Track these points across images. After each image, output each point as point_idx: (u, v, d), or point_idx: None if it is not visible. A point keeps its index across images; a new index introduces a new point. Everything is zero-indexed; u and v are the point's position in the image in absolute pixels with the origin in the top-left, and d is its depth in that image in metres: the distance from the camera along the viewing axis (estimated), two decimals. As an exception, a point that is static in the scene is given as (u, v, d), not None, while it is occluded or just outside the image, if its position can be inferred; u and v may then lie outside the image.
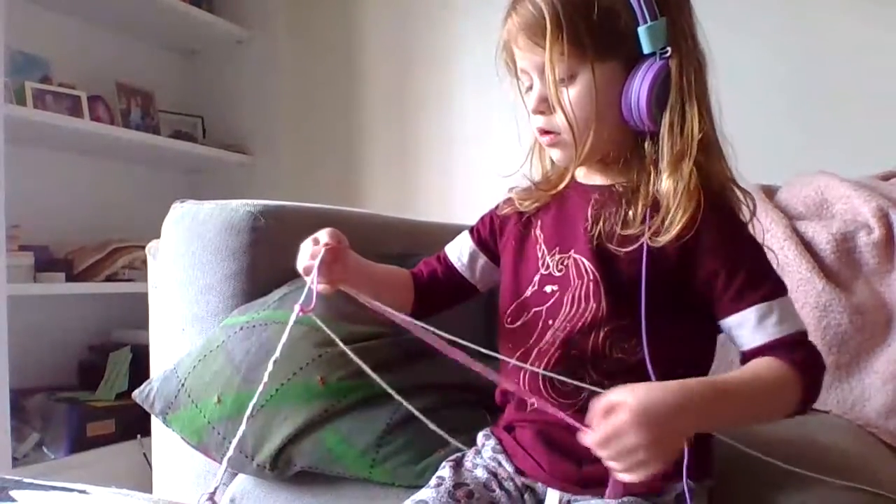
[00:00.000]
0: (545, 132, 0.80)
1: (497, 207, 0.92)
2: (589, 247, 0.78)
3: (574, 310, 0.78)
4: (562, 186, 0.84)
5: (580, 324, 0.77)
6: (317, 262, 0.76)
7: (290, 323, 0.72)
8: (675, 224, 0.72)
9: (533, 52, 0.76)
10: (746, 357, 0.74)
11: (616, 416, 0.60)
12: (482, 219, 0.94)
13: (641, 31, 0.74)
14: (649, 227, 0.74)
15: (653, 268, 0.74)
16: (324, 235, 0.79)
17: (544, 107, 0.78)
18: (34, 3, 2.12)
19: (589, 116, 0.75)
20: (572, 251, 0.80)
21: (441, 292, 0.92)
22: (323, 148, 2.50)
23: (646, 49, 0.75)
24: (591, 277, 0.77)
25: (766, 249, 0.77)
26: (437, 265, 0.94)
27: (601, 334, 0.76)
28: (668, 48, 0.74)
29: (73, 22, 2.25)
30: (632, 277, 0.75)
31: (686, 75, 0.75)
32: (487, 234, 0.92)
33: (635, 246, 0.75)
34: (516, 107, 0.85)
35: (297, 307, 0.72)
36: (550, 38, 0.73)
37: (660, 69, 0.74)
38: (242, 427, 0.72)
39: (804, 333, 0.74)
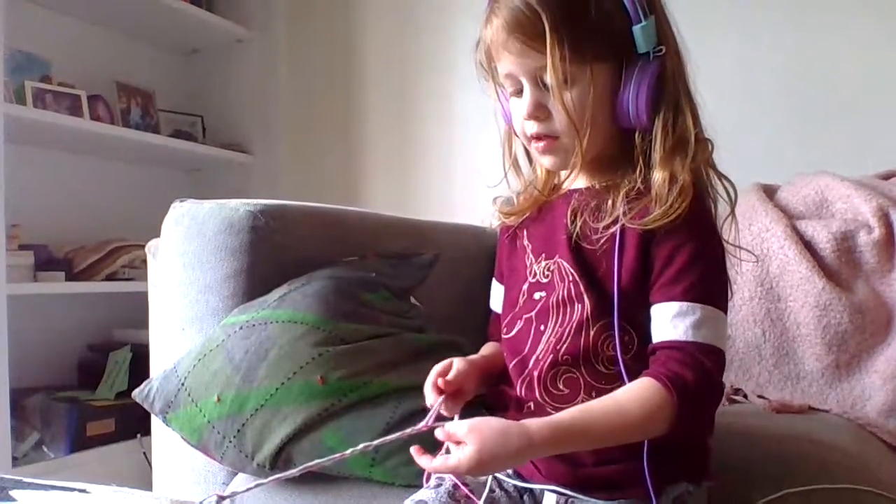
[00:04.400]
0: (542, 136, 0.78)
1: (494, 227, 0.91)
2: (568, 248, 0.78)
3: (561, 314, 0.78)
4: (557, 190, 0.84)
5: (569, 327, 0.77)
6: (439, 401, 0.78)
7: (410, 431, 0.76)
8: (667, 214, 0.71)
9: (526, 57, 0.74)
10: (652, 351, 0.73)
11: (457, 462, 0.65)
12: (496, 257, 0.93)
13: (636, 30, 0.73)
14: (629, 210, 0.73)
15: (624, 257, 0.74)
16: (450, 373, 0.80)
17: (540, 112, 0.77)
18: (34, 3, 2.12)
19: (587, 119, 0.74)
20: (556, 256, 0.80)
21: None
22: (323, 148, 2.50)
23: (641, 48, 0.74)
24: (571, 279, 0.77)
25: (731, 264, 0.77)
26: (497, 325, 0.91)
27: (591, 332, 0.75)
28: (662, 47, 0.74)
29: (73, 22, 2.25)
30: (607, 271, 0.75)
31: (677, 72, 0.76)
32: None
33: (607, 235, 0.75)
34: (496, 112, 0.85)
35: (423, 424, 0.75)
36: (550, 41, 0.71)
37: (656, 68, 0.74)
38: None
39: (716, 351, 0.71)
